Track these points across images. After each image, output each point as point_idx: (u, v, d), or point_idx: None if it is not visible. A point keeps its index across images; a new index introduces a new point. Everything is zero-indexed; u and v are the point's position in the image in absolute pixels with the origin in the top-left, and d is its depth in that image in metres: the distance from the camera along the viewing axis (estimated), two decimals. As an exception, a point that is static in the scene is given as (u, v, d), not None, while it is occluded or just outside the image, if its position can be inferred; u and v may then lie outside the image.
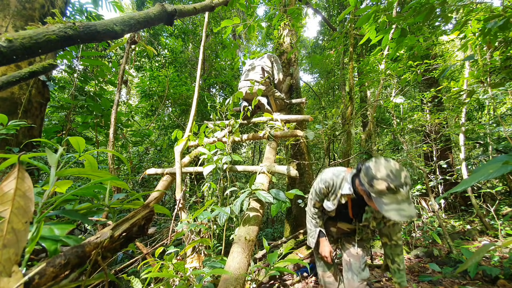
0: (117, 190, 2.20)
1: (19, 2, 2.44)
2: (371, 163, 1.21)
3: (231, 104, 2.58)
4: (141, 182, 4.76)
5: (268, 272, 1.33)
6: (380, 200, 1.13)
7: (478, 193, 4.54)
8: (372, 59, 4.12)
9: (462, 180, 2.50)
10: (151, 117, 6.63)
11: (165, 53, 7.71)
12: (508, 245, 2.75)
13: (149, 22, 1.29)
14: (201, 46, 2.93)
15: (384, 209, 1.11)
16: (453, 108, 4.51)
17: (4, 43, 0.72)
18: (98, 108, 3.15)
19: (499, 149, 3.66)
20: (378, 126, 6.84)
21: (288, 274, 2.99)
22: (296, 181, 4.07)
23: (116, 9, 4.12)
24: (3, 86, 0.89)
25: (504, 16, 1.63)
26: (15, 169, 0.52)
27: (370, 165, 1.21)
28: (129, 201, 0.88)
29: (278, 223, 7.73)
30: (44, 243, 0.61)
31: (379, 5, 1.87)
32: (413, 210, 1.09)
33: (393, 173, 1.11)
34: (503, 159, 0.77)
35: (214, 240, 1.82)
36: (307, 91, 10.85)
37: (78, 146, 0.83)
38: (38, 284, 0.52)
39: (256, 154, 10.99)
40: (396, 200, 1.10)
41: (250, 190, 1.74)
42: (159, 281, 1.65)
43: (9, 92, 2.35)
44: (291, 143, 3.87)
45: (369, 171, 1.19)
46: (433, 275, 2.64)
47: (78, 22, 0.92)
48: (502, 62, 2.30)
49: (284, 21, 4.48)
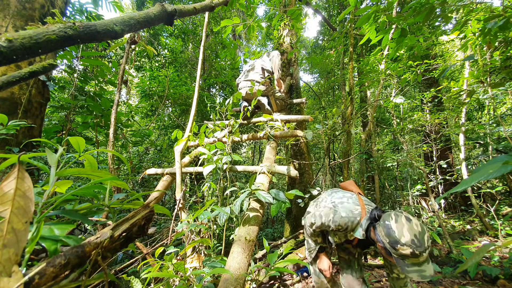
0: (117, 190, 2.20)
1: (19, 2, 2.44)
2: (392, 222, 1.15)
3: (231, 104, 2.58)
4: (141, 182, 4.76)
5: (268, 272, 1.33)
6: (402, 262, 1.12)
7: (478, 193, 4.54)
8: (372, 59, 4.12)
9: (462, 180, 2.50)
10: (151, 117, 6.63)
11: (165, 53, 7.71)
12: (508, 245, 2.75)
13: (149, 22, 1.29)
14: (201, 46, 2.93)
15: (406, 270, 1.11)
16: (453, 108, 4.51)
17: (4, 43, 0.72)
18: (98, 108, 3.15)
19: (499, 149, 3.66)
20: (378, 126, 6.84)
21: (288, 274, 2.99)
22: (296, 181, 4.07)
23: (116, 9, 4.12)
24: (3, 86, 0.89)
25: (504, 16, 1.63)
26: (15, 169, 0.52)
27: (391, 224, 1.14)
28: (129, 201, 0.88)
29: (278, 223, 7.73)
30: (44, 243, 0.61)
31: (379, 5, 1.87)
32: (432, 269, 1.09)
33: (417, 238, 1.08)
34: (503, 159, 0.77)
35: (214, 240, 1.82)
36: (307, 91, 10.84)
37: (78, 146, 0.83)
38: (38, 284, 0.52)
39: (256, 154, 10.99)
40: (418, 262, 1.09)
41: (250, 190, 1.74)
42: (159, 281, 1.65)
43: (9, 92, 2.35)
44: (291, 143, 3.87)
45: (391, 232, 1.13)
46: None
47: (78, 22, 0.92)
48: (502, 62, 2.30)
49: (284, 21, 4.48)
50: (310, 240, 1.68)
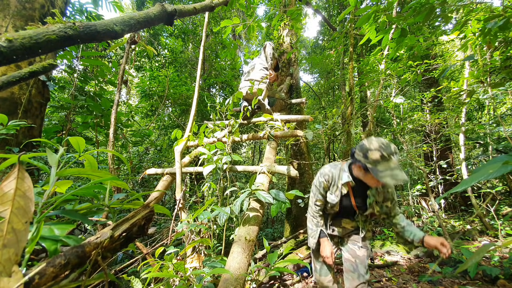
0: (117, 190, 2.20)
1: (19, 2, 2.44)
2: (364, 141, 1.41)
3: (231, 104, 2.58)
4: (141, 182, 4.77)
5: (268, 272, 1.33)
6: (376, 169, 1.29)
7: (478, 193, 4.54)
8: (372, 59, 4.12)
9: (462, 180, 2.50)
10: (151, 117, 6.63)
11: (165, 53, 7.71)
12: (508, 245, 2.75)
13: (149, 22, 1.29)
14: (201, 46, 2.93)
15: (380, 175, 1.27)
16: (453, 108, 4.51)
17: (4, 43, 0.72)
18: (98, 108, 3.15)
19: (499, 149, 3.66)
20: (378, 126, 6.84)
21: (288, 274, 2.99)
22: (296, 181, 4.07)
23: (116, 9, 4.12)
24: (3, 86, 0.89)
25: (504, 16, 1.63)
26: (15, 169, 0.52)
27: (363, 142, 1.40)
28: (129, 201, 0.88)
29: (278, 223, 7.74)
30: (44, 243, 0.61)
31: (379, 5, 1.87)
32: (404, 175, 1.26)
33: (384, 144, 1.31)
34: (503, 159, 0.77)
35: (214, 240, 1.82)
36: (307, 91, 10.85)
37: (78, 146, 0.83)
38: (38, 284, 0.52)
39: (256, 154, 10.99)
40: (389, 167, 1.27)
41: (250, 190, 1.74)
42: (159, 281, 1.65)
43: (9, 92, 2.35)
44: (291, 143, 3.87)
45: (363, 146, 1.37)
46: (433, 275, 2.64)
47: (78, 22, 0.92)
48: (502, 62, 2.30)
49: (284, 21, 4.48)
50: (312, 218, 1.73)
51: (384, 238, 4.02)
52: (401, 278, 2.73)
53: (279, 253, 1.47)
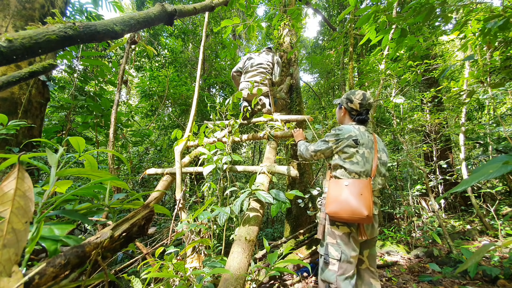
0: (117, 190, 2.20)
1: (19, 2, 2.44)
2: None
3: (231, 104, 2.58)
4: (141, 182, 4.76)
5: (268, 272, 1.33)
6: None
7: (478, 193, 4.54)
8: (372, 59, 4.12)
9: (462, 180, 2.50)
10: (151, 117, 6.63)
11: (165, 53, 7.71)
12: (508, 245, 2.75)
13: (149, 22, 1.29)
14: (201, 46, 2.92)
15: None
16: (453, 108, 4.51)
17: (4, 43, 0.72)
18: (98, 108, 3.15)
19: (499, 149, 3.66)
20: (378, 126, 6.84)
21: (288, 274, 2.99)
22: (296, 181, 4.07)
23: (116, 9, 4.12)
24: (3, 86, 0.89)
25: (504, 16, 1.63)
26: (15, 169, 0.52)
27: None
28: (129, 201, 0.88)
29: (278, 223, 7.74)
30: (44, 243, 0.61)
31: (379, 5, 1.87)
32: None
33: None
34: (503, 159, 0.77)
35: (214, 240, 1.82)
36: (307, 91, 10.85)
37: (78, 146, 0.83)
38: (38, 284, 0.52)
39: (256, 154, 10.99)
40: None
41: (250, 190, 1.74)
42: (159, 281, 1.65)
43: (9, 92, 2.35)
44: (291, 143, 3.86)
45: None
46: (433, 275, 2.64)
47: (78, 22, 0.92)
48: (502, 62, 2.30)
49: (284, 21, 4.48)
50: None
51: (384, 238, 4.02)
52: (401, 278, 2.73)
53: (279, 253, 1.47)
